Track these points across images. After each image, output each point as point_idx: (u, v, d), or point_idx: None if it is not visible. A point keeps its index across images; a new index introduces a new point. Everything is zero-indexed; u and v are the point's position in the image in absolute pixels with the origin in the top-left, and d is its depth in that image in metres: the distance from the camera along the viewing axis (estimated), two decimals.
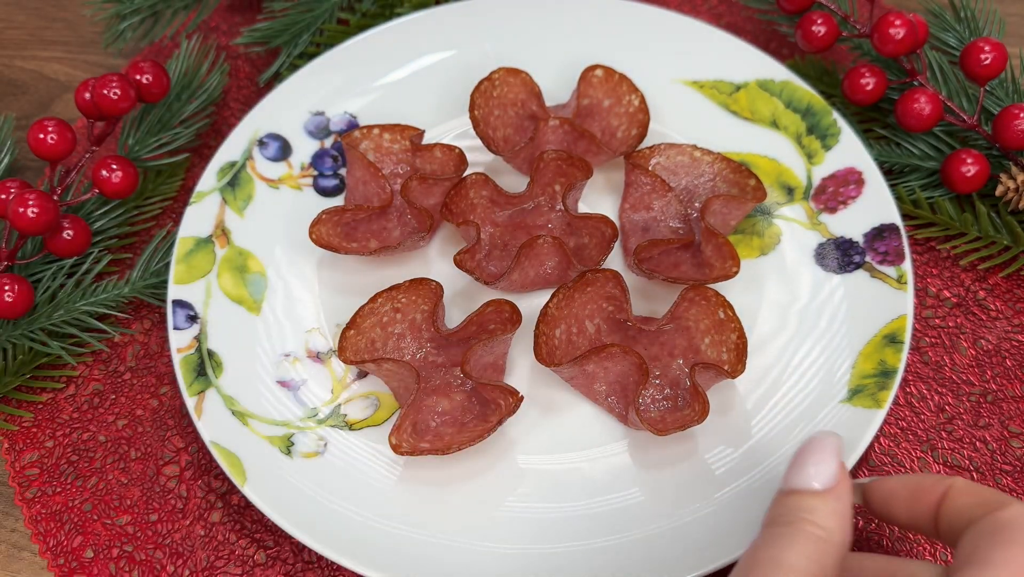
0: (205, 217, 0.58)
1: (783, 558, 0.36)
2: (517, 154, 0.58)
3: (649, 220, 0.57)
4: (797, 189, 0.58)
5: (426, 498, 0.50)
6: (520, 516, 0.49)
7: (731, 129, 0.61)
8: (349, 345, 0.52)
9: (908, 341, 0.51)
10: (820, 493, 0.38)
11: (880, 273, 0.54)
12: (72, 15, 0.74)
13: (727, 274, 0.53)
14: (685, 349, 0.52)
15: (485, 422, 0.49)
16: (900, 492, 0.40)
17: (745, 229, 0.58)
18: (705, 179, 0.58)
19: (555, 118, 0.58)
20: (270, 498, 0.48)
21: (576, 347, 0.53)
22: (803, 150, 0.59)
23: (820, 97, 0.61)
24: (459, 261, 0.54)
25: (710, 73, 0.63)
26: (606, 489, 0.49)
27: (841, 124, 0.59)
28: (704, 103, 0.62)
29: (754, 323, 0.54)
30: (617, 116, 0.60)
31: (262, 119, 0.61)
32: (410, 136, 0.59)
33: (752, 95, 0.62)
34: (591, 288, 0.53)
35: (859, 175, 0.58)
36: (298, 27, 0.67)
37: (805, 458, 0.39)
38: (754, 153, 0.60)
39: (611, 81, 0.60)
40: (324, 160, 0.61)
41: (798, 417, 0.51)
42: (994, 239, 0.57)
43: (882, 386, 0.50)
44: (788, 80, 0.61)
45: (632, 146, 0.59)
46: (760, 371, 0.53)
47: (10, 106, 0.69)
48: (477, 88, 0.59)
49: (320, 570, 0.50)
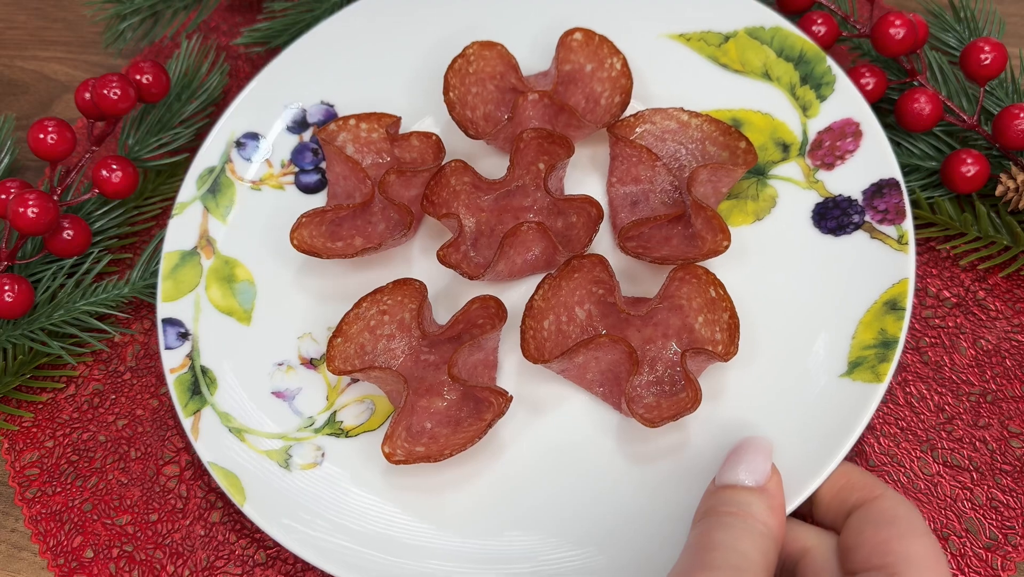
0: (188, 228, 0.57)
1: (739, 545, 0.39)
2: (497, 134, 0.56)
3: (638, 193, 0.56)
4: (792, 145, 0.56)
5: (423, 503, 0.49)
6: (520, 515, 0.49)
7: (722, 83, 0.58)
8: (337, 354, 0.51)
9: (910, 308, 0.49)
10: (754, 489, 0.41)
11: (880, 233, 0.52)
12: (72, 15, 0.74)
13: (717, 249, 0.51)
14: (679, 329, 0.51)
15: (480, 419, 0.49)
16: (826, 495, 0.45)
17: (739, 193, 0.56)
18: (694, 143, 0.56)
19: (534, 92, 0.56)
20: (270, 516, 0.48)
21: (567, 336, 0.52)
22: (797, 102, 0.57)
23: (813, 43, 0.58)
24: (443, 256, 0.52)
25: (697, 25, 0.60)
26: (598, 483, 0.49)
27: (836, 71, 0.57)
28: (692, 58, 0.59)
29: (750, 296, 0.52)
30: (600, 81, 0.58)
31: (237, 119, 0.60)
32: (386, 125, 0.58)
33: (742, 45, 0.59)
34: (578, 274, 0.52)
35: (856, 126, 0.55)
36: (298, 27, 0.67)
37: (739, 457, 0.43)
38: (746, 108, 0.58)
39: (591, 44, 0.58)
40: (304, 155, 0.60)
41: (795, 396, 0.49)
42: (994, 239, 0.57)
43: (882, 358, 0.48)
44: (778, 26, 0.59)
45: (615, 115, 0.57)
46: (754, 349, 0.51)
47: (10, 106, 0.69)
48: (451, 67, 0.57)
49: (320, 570, 0.50)
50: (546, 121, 0.57)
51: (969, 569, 0.48)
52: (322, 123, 0.61)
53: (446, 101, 0.57)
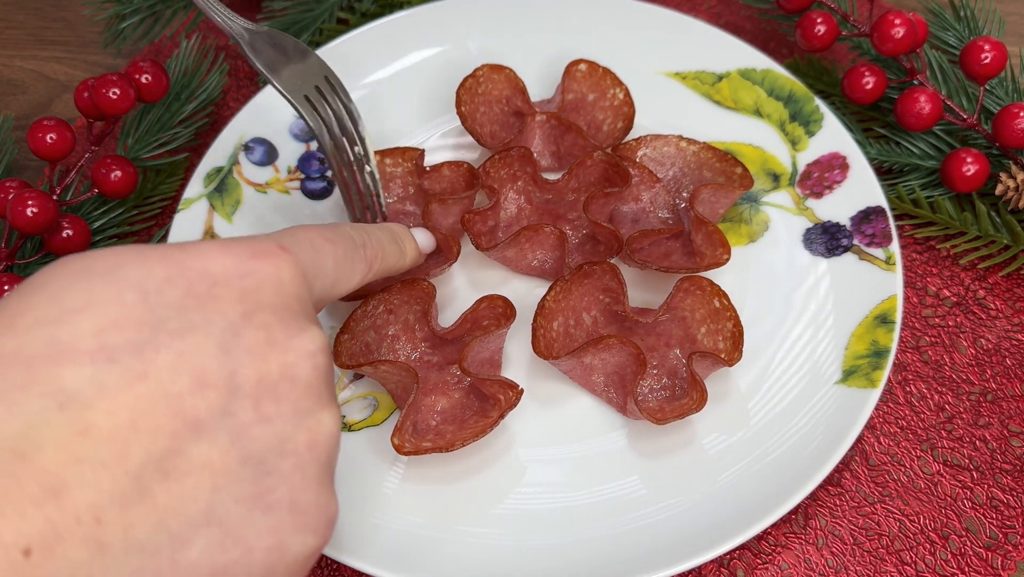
0: (194, 224, 0.58)
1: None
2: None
3: (638, 211, 0.57)
4: (783, 176, 0.59)
5: (427, 494, 0.50)
6: (522, 509, 0.49)
7: (715, 118, 0.62)
8: (344, 350, 0.51)
9: (899, 320, 0.52)
10: None
11: (868, 255, 0.55)
12: (72, 15, 0.74)
13: (718, 262, 0.53)
14: (682, 339, 0.52)
15: (485, 417, 0.49)
16: None
17: (733, 217, 0.58)
18: (692, 169, 0.58)
19: (541, 113, 0.59)
20: None
21: (574, 339, 0.53)
22: (787, 137, 0.60)
23: (802, 84, 0.61)
24: (467, 220, 0.54)
25: (692, 64, 0.63)
26: (606, 478, 0.50)
27: (824, 110, 0.60)
28: (687, 94, 0.63)
29: (746, 310, 0.54)
30: (602, 110, 0.60)
31: (247, 123, 0.61)
32: (412, 159, 0.58)
33: (734, 84, 0.62)
34: (588, 280, 0.53)
35: (843, 160, 0.58)
36: (298, 27, 0.67)
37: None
38: (739, 142, 0.61)
39: (595, 75, 0.61)
40: (311, 163, 0.61)
41: (794, 400, 0.51)
42: (994, 238, 0.57)
43: (876, 366, 0.51)
44: (769, 68, 0.62)
45: (618, 139, 0.59)
46: (754, 357, 0.53)
47: (10, 106, 0.69)
48: (462, 85, 0.59)
49: (320, 569, 0.50)
50: (552, 142, 0.60)
51: (969, 568, 0.48)
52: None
53: (458, 114, 0.59)
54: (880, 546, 0.49)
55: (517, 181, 0.57)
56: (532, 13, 0.66)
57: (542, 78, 0.64)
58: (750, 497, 0.48)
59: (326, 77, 0.52)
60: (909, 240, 0.59)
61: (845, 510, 0.50)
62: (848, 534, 0.49)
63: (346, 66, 0.64)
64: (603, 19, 0.65)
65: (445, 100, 0.63)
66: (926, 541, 0.49)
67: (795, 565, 0.49)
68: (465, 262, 0.58)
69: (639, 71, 0.63)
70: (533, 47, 0.65)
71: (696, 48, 0.63)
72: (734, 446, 0.50)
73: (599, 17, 0.65)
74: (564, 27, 0.65)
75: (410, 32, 0.65)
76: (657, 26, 0.64)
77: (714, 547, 0.46)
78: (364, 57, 0.64)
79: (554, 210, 0.58)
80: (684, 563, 0.45)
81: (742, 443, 0.50)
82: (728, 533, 0.46)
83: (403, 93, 0.64)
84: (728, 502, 0.48)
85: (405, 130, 0.63)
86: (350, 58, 0.64)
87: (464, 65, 0.63)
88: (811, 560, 0.49)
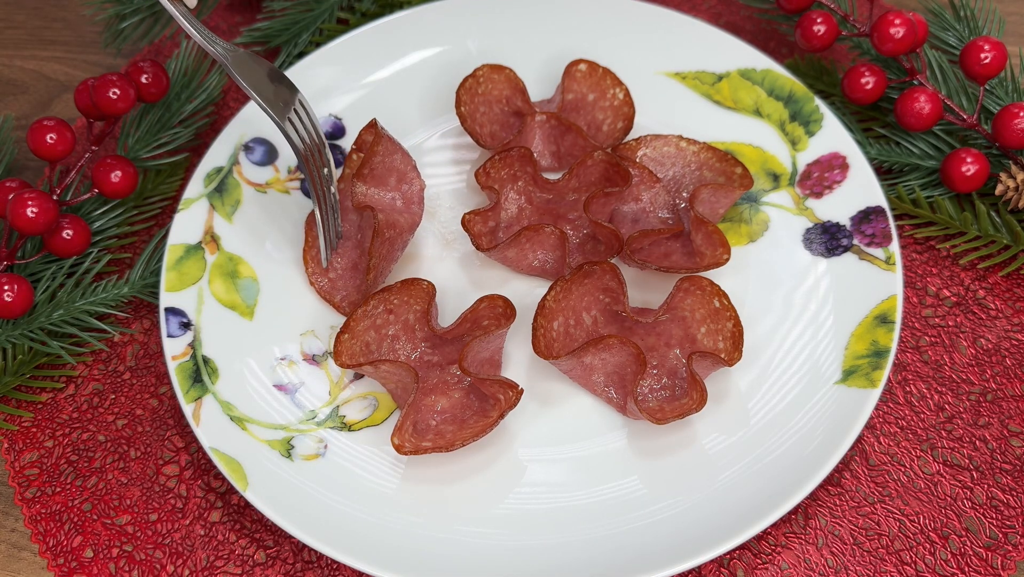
0: (194, 223, 0.58)
1: None
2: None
3: (638, 211, 0.57)
4: (782, 176, 0.59)
5: (427, 494, 0.50)
6: (522, 509, 0.49)
7: (715, 118, 0.62)
8: (344, 349, 0.51)
9: (899, 320, 0.52)
10: None
11: (868, 255, 0.55)
12: (72, 15, 0.74)
13: (718, 261, 0.53)
14: (682, 339, 0.52)
15: (485, 417, 0.49)
16: None
17: (733, 217, 0.58)
18: (692, 169, 0.58)
19: (541, 113, 0.59)
20: (272, 501, 0.48)
21: (574, 339, 0.53)
22: (787, 137, 0.60)
23: (802, 84, 0.61)
24: (467, 220, 0.54)
25: (692, 64, 0.63)
26: (606, 478, 0.50)
27: (824, 110, 0.60)
28: (687, 94, 0.63)
29: (746, 310, 0.54)
30: (602, 110, 0.60)
31: (247, 123, 0.61)
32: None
33: (734, 84, 0.62)
34: (588, 280, 0.53)
35: (843, 160, 0.58)
36: (298, 27, 0.67)
37: None
38: (738, 142, 0.61)
39: (595, 75, 0.61)
40: None
41: (794, 400, 0.51)
42: (994, 238, 0.57)
43: (875, 366, 0.51)
44: (769, 68, 0.62)
45: (618, 139, 0.59)
46: (754, 357, 0.53)
47: (10, 106, 0.69)
48: (462, 85, 0.60)
49: (320, 569, 0.50)
50: (552, 142, 0.60)
51: (969, 568, 0.48)
52: (329, 135, 0.62)
53: (458, 114, 0.59)
54: (880, 546, 0.49)
55: (517, 181, 0.57)
56: (532, 13, 0.66)
57: (542, 78, 0.64)
58: (750, 497, 0.48)
59: (300, 102, 0.54)
60: (909, 240, 0.59)
61: (845, 510, 0.50)
62: (848, 534, 0.49)
63: (346, 66, 0.64)
64: (603, 19, 0.65)
65: (445, 100, 0.63)
66: (926, 541, 0.49)
67: (795, 565, 0.49)
68: (465, 262, 0.58)
69: (639, 71, 0.63)
70: (533, 47, 0.65)
71: (696, 48, 0.63)
72: (734, 446, 0.50)
73: (599, 17, 0.65)
74: (564, 27, 0.65)
75: (410, 32, 0.65)
76: (657, 26, 0.64)
77: (714, 547, 0.46)
78: (364, 57, 0.64)
79: (554, 210, 0.58)
80: (684, 563, 0.45)
81: (742, 443, 0.50)
82: (728, 533, 0.46)
83: (403, 93, 0.64)
84: (728, 502, 0.48)
85: (405, 130, 0.63)
86: (350, 58, 0.64)
87: (464, 65, 0.63)
88: (811, 560, 0.49)
